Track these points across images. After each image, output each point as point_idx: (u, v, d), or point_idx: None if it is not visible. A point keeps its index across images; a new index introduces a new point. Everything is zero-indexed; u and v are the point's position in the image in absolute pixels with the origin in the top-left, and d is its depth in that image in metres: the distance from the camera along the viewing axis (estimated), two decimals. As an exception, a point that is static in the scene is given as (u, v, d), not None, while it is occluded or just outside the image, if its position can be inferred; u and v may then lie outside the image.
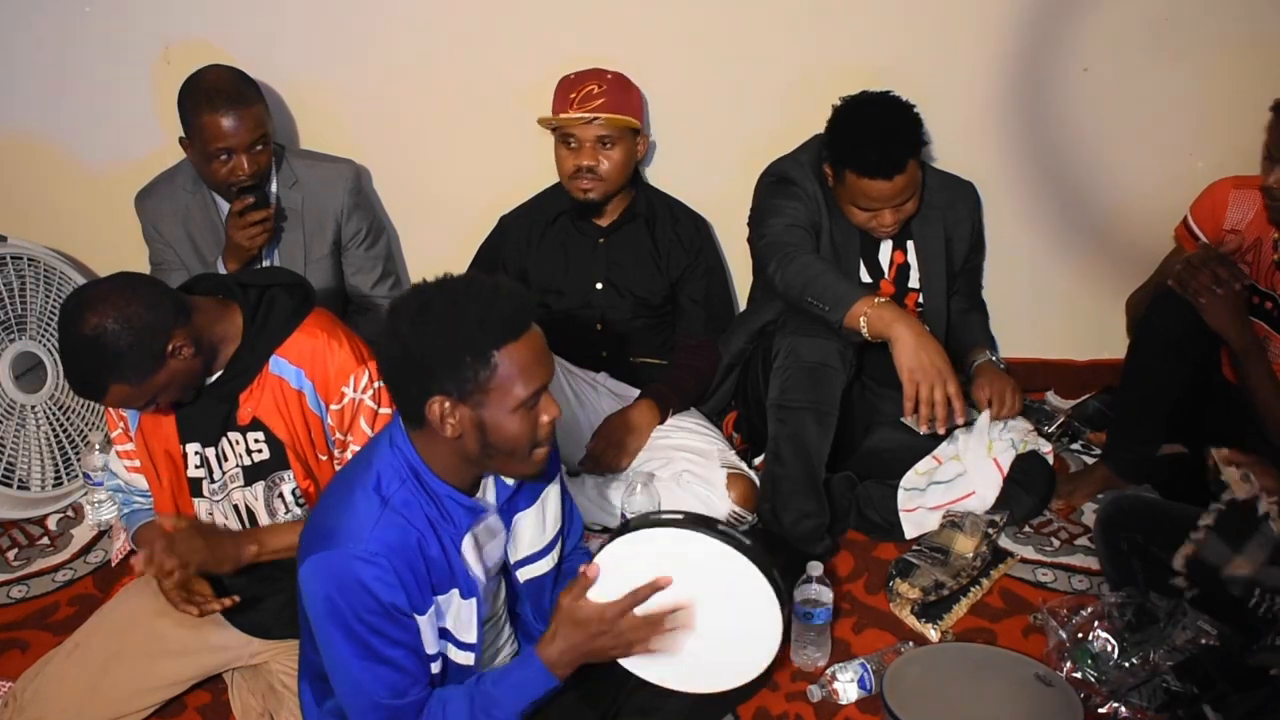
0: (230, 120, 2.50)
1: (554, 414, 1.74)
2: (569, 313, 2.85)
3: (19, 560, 2.71)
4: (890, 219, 2.59)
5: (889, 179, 2.51)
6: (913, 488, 2.65)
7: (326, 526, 1.73)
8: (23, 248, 2.81)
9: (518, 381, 1.67)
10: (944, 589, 2.41)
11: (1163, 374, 2.52)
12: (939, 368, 2.35)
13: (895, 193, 2.54)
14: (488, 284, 1.70)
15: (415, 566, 1.72)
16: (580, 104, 2.66)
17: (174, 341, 1.89)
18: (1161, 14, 2.82)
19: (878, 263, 2.74)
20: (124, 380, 1.87)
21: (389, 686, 1.74)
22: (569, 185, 2.75)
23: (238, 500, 2.12)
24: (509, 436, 1.70)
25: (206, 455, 2.09)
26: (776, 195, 2.68)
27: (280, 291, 2.06)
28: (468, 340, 1.64)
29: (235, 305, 2.03)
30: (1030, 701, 2.09)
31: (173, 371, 1.91)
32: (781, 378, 2.48)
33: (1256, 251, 2.53)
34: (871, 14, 2.84)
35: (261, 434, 2.06)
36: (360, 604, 1.68)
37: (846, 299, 2.41)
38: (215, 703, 2.26)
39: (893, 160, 2.51)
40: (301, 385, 2.04)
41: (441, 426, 1.68)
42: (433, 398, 1.67)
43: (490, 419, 1.68)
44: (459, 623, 1.82)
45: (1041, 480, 2.69)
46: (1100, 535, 2.40)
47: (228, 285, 2.06)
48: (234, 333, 2.01)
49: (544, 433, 1.74)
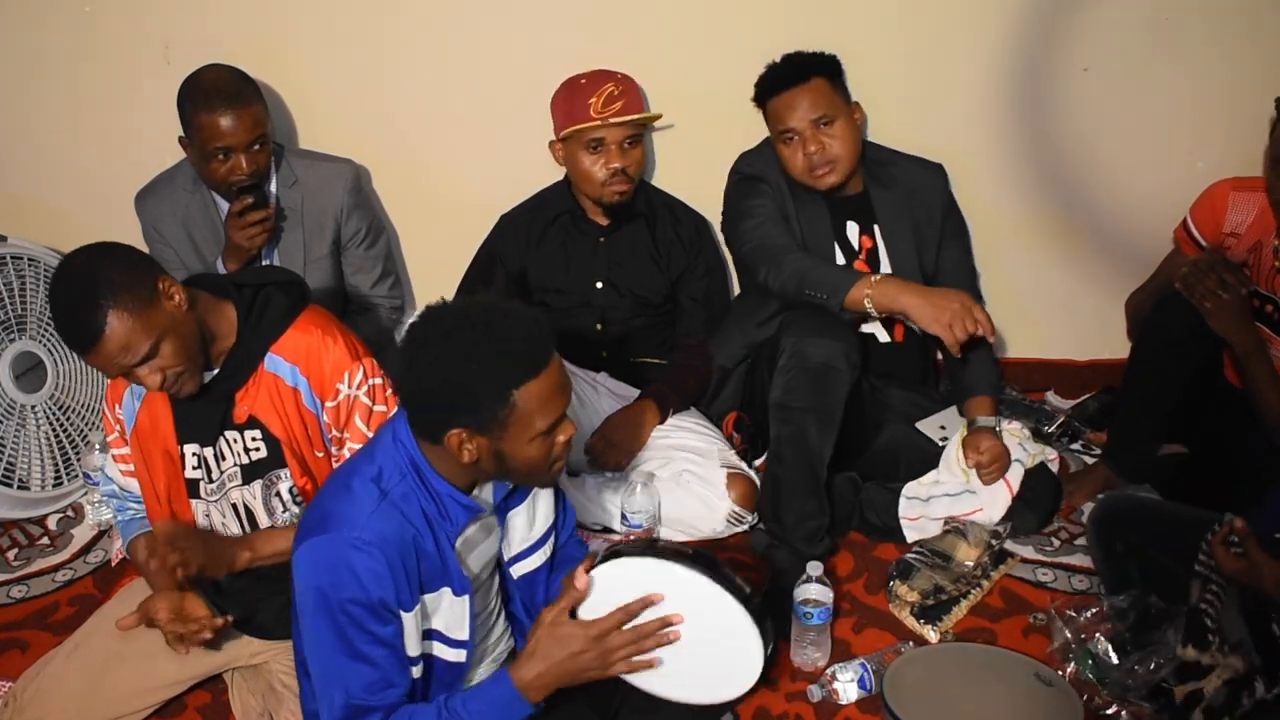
0: (229, 120, 2.50)
1: (570, 432, 1.75)
2: (569, 312, 2.84)
3: (19, 560, 2.71)
4: (814, 145, 2.60)
5: (797, 85, 2.60)
6: (915, 497, 2.64)
7: (324, 512, 1.74)
8: (23, 248, 2.81)
9: (536, 416, 1.67)
10: (943, 594, 2.41)
11: (1165, 374, 2.52)
12: (958, 305, 2.40)
13: (810, 101, 2.59)
14: (507, 316, 1.67)
15: (407, 561, 1.73)
16: (605, 106, 2.66)
17: (163, 280, 1.89)
18: (1161, 14, 2.82)
19: (849, 243, 2.74)
20: (122, 307, 1.83)
21: (363, 684, 1.73)
22: (603, 190, 2.73)
23: (235, 499, 2.12)
24: (527, 461, 1.72)
25: (205, 455, 2.09)
26: (743, 196, 2.71)
27: (275, 289, 2.06)
28: (487, 380, 1.64)
29: (230, 303, 2.03)
30: (1030, 701, 2.09)
31: (170, 316, 1.89)
32: (785, 378, 2.48)
33: (1257, 255, 2.52)
34: (871, 14, 2.84)
35: (259, 432, 2.06)
36: (348, 594, 1.68)
37: (843, 284, 2.46)
38: (215, 703, 2.26)
39: (798, 65, 2.63)
40: (296, 382, 2.04)
41: (459, 453, 1.70)
42: (451, 430, 1.68)
43: (508, 449, 1.70)
44: (450, 620, 1.82)
45: (1047, 497, 2.68)
46: (1094, 537, 2.40)
47: (222, 284, 2.06)
48: (229, 330, 2.02)
49: (560, 450, 1.75)
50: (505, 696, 1.75)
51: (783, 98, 2.62)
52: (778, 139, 2.66)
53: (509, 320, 1.67)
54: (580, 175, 2.74)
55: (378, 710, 1.75)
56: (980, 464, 2.59)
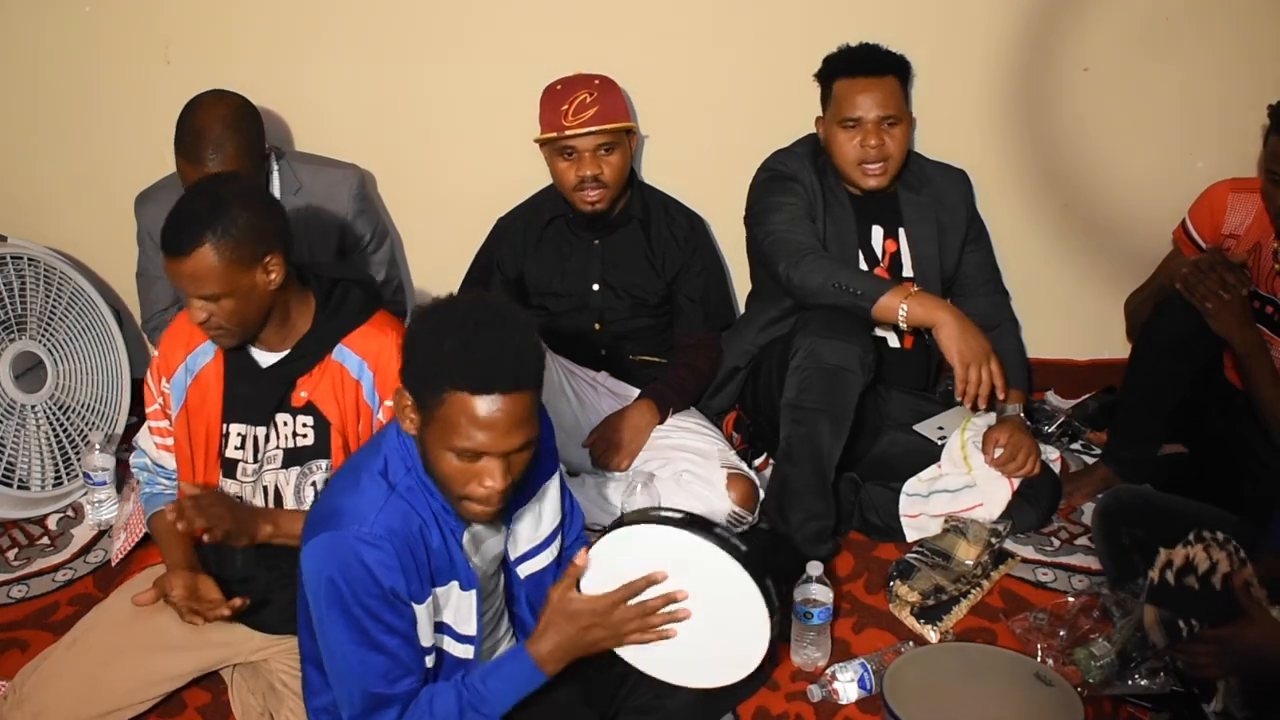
0: (195, 169, 2.44)
1: (495, 486, 1.66)
2: (567, 314, 2.84)
3: (19, 560, 2.71)
4: (875, 140, 2.61)
5: (873, 75, 2.62)
6: (915, 494, 2.64)
7: (332, 507, 1.75)
8: (23, 248, 2.81)
9: (458, 430, 1.63)
10: (943, 594, 2.41)
11: (1167, 374, 2.52)
12: (984, 348, 2.44)
13: (882, 98, 2.61)
14: (499, 328, 1.64)
15: (416, 554, 1.73)
16: (575, 115, 2.65)
17: (270, 255, 1.96)
18: (1160, 14, 2.83)
19: (872, 250, 2.74)
20: (219, 249, 1.91)
21: (381, 674, 1.74)
22: (574, 198, 2.73)
23: (269, 483, 2.14)
24: (439, 470, 1.70)
25: (253, 435, 2.12)
26: (774, 192, 2.70)
27: (352, 285, 2.13)
28: (435, 364, 1.64)
29: (310, 293, 2.10)
30: (1030, 701, 2.09)
31: (252, 285, 1.96)
32: (799, 378, 2.48)
33: (1256, 256, 2.53)
34: (869, 14, 2.84)
35: (311, 419, 2.09)
36: (361, 587, 1.69)
37: (879, 288, 2.48)
38: (215, 703, 2.25)
39: (878, 58, 2.65)
40: (361, 376, 2.08)
41: (403, 416, 1.71)
42: (403, 389, 1.70)
43: (429, 442, 1.69)
44: (458, 615, 1.83)
45: (1047, 495, 2.67)
46: (1100, 529, 2.40)
47: (304, 274, 2.12)
48: (306, 318, 2.08)
49: (479, 493, 1.69)
50: (524, 670, 1.79)
51: (857, 83, 2.63)
52: (836, 123, 2.65)
53: (500, 335, 1.64)
54: (556, 181, 2.76)
55: (397, 700, 1.76)
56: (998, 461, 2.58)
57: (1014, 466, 2.58)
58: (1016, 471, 2.59)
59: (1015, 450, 2.58)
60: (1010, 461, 2.58)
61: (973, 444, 2.63)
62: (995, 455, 2.58)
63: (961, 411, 2.71)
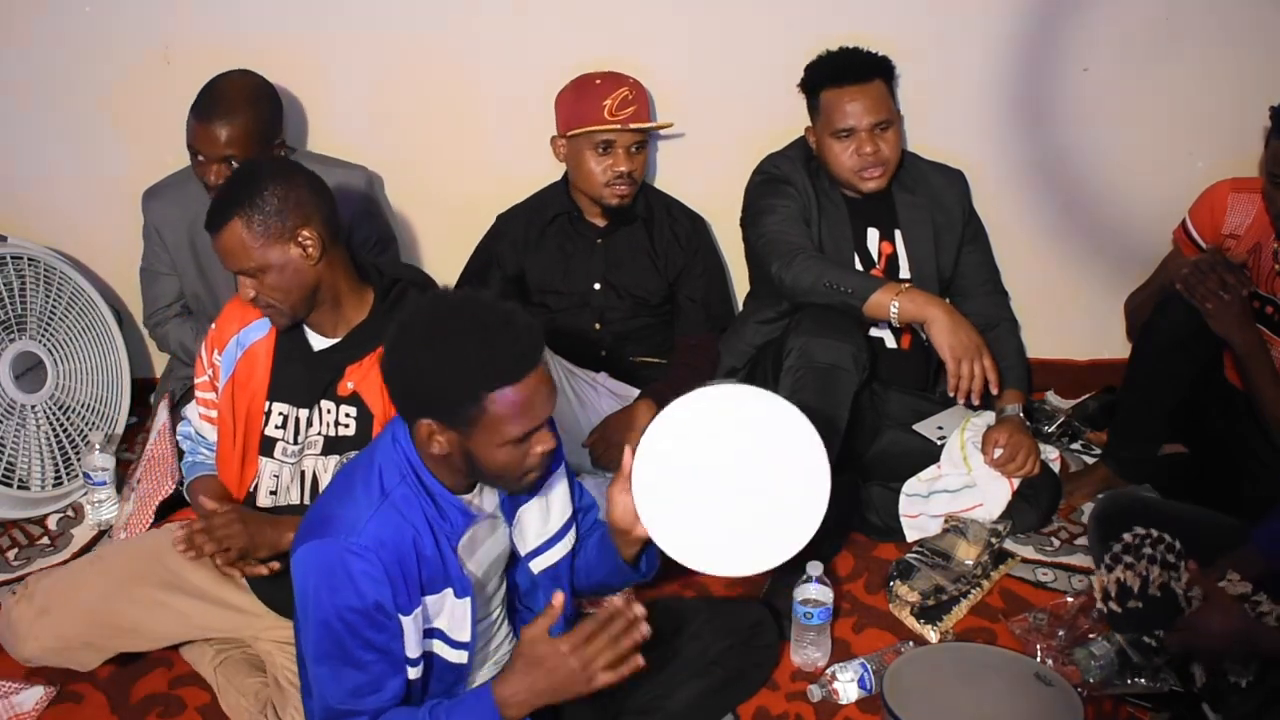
0: (204, 128, 2.49)
1: (548, 445, 1.74)
2: (568, 313, 2.85)
3: (19, 560, 2.71)
4: (871, 147, 2.61)
5: (860, 83, 2.60)
6: (915, 494, 2.64)
7: (324, 515, 1.75)
8: (23, 248, 2.81)
9: (508, 422, 1.66)
10: (943, 594, 2.41)
11: (1166, 374, 2.52)
12: (976, 343, 2.45)
13: (872, 104, 2.60)
14: (499, 317, 1.67)
15: (406, 564, 1.72)
16: (619, 110, 2.67)
17: (306, 228, 1.99)
18: (1161, 14, 2.83)
19: (868, 252, 2.74)
20: (249, 223, 1.96)
21: (350, 689, 1.73)
22: (604, 191, 2.73)
23: (307, 468, 2.15)
24: (496, 465, 1.71)
25: (296, 416, 2.13)
26: (767, 194, 2.70)
27: (412, 287, 2.16)
28: (461, 377, 1.64)
29: (370, 288, 2.13)
30: (1030, 701, 2.09)
31: (289, 259, 1.99)
32: (792, 378, 2.48)
33: (1256, 256, 2.53)
34: (870, 14, 2.84)
35: (355, 410, 2.10)
36: (343, 600, 1.69)
37: (870, 286, 2.48)
38: (215, 703, 2.25)
39: (861, 63, 2.63)
40: None
41: (429, 443, 1.70)
42: (422, 419, 1.69)
43: (476, 449, 1.69)
44: (452, 621, 1.82)
45: (1047, 495, 2.67)
46: (1096, 532, 2.40)
47: (367, 270, 2.15)
48: (361, 309, 2.11)
49: (535, 462, 1.74)
50: (485, 710, 1.72)
51: (845, 92, 2.61)
52: (829, 134, 2.65)
53: (500, 321, 1.66)
54: (583, 175, 2.75)
55: (362, 715, 1.75)
56: (997, 461, 2.58)
57: (1014, 467, 2.58)
58: (1016, 471, 2.59)
59: (1015, 450, 2.58)
60: (1010, 461, 2.58)
61: (972, 444, 2.63)
62: (995, 455, 2.58)
63: (961, 411, 2.71)
